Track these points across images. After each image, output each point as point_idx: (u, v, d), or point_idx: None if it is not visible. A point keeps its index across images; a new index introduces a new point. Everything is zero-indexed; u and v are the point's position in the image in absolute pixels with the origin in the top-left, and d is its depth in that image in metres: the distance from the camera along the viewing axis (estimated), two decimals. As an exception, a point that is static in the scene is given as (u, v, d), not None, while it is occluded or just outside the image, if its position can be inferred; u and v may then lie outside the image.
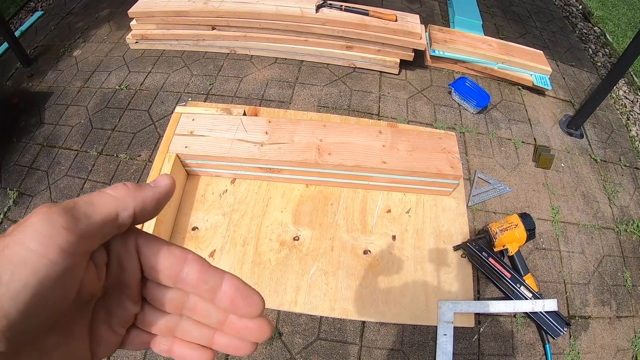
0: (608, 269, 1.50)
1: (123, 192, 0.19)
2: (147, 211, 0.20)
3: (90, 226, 0.17)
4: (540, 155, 1.69)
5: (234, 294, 0.20)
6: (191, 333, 0.23)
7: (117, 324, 0.21)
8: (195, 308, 0.22)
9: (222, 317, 0.22)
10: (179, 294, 0.22)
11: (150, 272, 0.21)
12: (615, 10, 3.15)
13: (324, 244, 1.30)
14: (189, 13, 1.83)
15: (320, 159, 1.30)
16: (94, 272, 0.18)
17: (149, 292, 0.22)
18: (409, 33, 1.75)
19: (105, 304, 0.21)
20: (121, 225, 0.19)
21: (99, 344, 0.21)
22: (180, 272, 0.20)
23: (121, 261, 0.20)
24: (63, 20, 2.35)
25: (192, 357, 0.23)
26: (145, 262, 0.20)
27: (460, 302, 1.26)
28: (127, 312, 0.21)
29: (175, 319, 0.23)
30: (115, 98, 1.84)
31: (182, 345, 0.23)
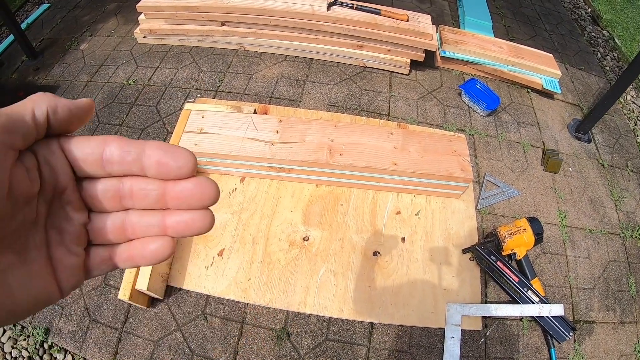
0: (613, 274, 1.50)
1: (39, 95, 0.20)
2: (60, 116, 0.20)
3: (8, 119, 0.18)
4: (548, 159, 1.69)
5: (158, 154, 0.20)
6: (141, 225, 0.22)
7: (71, 241, 0.21)
8: (131, 191, 0.22)
9: (159, 188, 0.21)
10: (112, 182, 0.22)
11: (77, 165, 0.21)
12: (623, 13, 3.13)
13: (333, 245, 1.30)
14: (199, 8, 1.81)
15: (332, 159, 1.29)
16: (23, 172, 0.19)
17: (87, 195, 0.22)
18: (421, 33, 1.74)
19: (54, 222, 0.21)
20: (38, 124, 0.20)
21: (60, 269, 0.21)
22: (102, 154, 0.21)
23: (49, 162, 0.20)
24: (70, 13, 2.33)
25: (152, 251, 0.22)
26: (71, 156, 0.21)
27: (468, 305, 1.27)
28: (74, 222, 0.22)
29: (121, 215, 0.22)
30: (123, 93, 1.82)
31: (138, 243, 0.22)
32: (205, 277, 1.23)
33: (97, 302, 1.26)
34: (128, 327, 1.22)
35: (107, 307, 1.25)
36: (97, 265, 0.23)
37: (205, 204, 0.21)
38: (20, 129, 0.19)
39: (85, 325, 1.23)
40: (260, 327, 1.21)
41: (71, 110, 0.21)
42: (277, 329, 1.21)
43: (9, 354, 1.25)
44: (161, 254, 0.22)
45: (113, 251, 0.23)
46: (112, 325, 1.22)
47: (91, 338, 1.21)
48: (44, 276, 0.20)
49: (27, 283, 0.19)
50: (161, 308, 1.24)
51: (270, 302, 1.20)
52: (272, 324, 1.21)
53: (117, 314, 1.24)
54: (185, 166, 0.20)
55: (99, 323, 1.23)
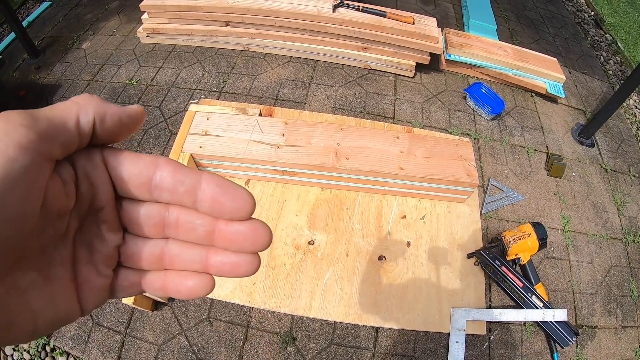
0: (615, 279, 1.51)
1: (86, 99, 0.18)
2: (108, 125, 0.18)
3: (50, 125, 0.16)
4: (552, 163, 1.69)
5: (215, 191, 0.18)
6: (181, 258, 0.21)
7: (101, 261, 0.20)
8: (177, 222, 0.20)
9: (208, 225, 0.19)
10: (156, 208, 0.20)
11: (121, 184, 0.19)
12: (626, 17, 3.14)
13: (339, 249, 1.30)
14: (203, 8, 1.80)
15: (338, 163, 1.29)
16: (60, 186, 0.17)
17: (126, 214, 0.20)
18: (426, 36, 1.73)
19: (85, 238, 0.19)
20: (82, 133, 0.18)
21: (85, 289, 0.19)
22: (152, 177, 0.19)
23: (89, 176, 0.18)
24: (71, 12, 2.31)
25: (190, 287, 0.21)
26: (114, 173, 0.19)
27: (472, 309, 1.27)
28: (108, 244, 0.20)
29: (160, 244, 0.21)
30: (126, 93, 1.81)
31: (175, 276, 0.21)
32: (210, 280, 1.23)
33: (101, 306, 1.25)
34: (131, 330, 1.21)
35: (110, 310, 1.24)
36: (124, 288, 0.21)
37: (256, 250, 0.20)
38: (61, 138, 0.17)
39: (88, 329, 1.22)
40: (266, 332, 1.21)
41: (121, 119, 0.19)
42: (282, 333, 1.20)
43: (10, 356, 1.24)
44: (199, 291, 0.21)
45: (144, 277, 0.21)
46: (116, 328, 1.22)
47: (94, 341, 1.20)
48: (67, 296, 0.19)
49: (49, 303, 0.18)
50: (165, 312, 1.23)
51: (275, 306, 1.20)
52: (278, 328, 1.21)
53: (120, 317, 1.23)
54: (243, 209, 0.19)
55: (102, 326, 1.22)
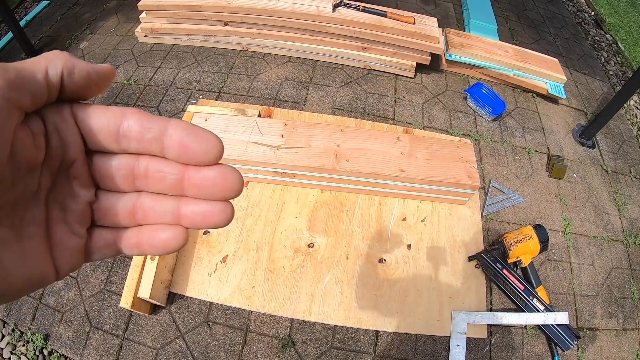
0: (616, 281, 1.50)
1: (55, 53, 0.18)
2: (76, 79, 0.18)
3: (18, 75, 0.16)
4: (553, 165, 1.68)
5: (182, 135, 0.18)
6: (153, 211, 0.20)
7: (74, 220, 0.20)
8: (147, 172, 0.20)
9: (177, 173, 0.19)
10: (126, 159, 0.20)
11: (90, 137, 0.19)
12: (626, 17, 3.13)
13: (339, 252, 1.28)
14: (201, 8, 1.78)
15: (338, 165, 1.27)
16: (29, 137, 0.17)
17: (97, 171, 0.20)
18: (427, 36, 1.72)
19: (57, 197, 0.19)
20: (51, 85, 0.18)
21: (59, 250, 0.19)
22: (119, 127, 0.18)
23: (59, 130, 0.18)
24: (69, 11, 2.28)
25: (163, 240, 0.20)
26: (83, 126, 0.19)
27: (473, 313, 1.26)
28: (80, 200, 0.20)
29: (133, 197, 0.21)
30: (124, 93, 1.79)
31: (149, 230, 0.21)
32: (208, 283, 1.22)
33: (98, 308, 1.24)
34: (129, 334, 1.20)
35: (108, 314, 1.23)
36: (100, 248, 0.21)
37: (227, 196, 0.19)
38: (30, 88, 0.17)
39: (86, 332, 1.21)
40: (265, 335, 1.19)
41: (89, 74, 0.19)
42: (281, 337, 1.19)
43: (7, 359, 1.23)
44: (172, 244, 0.20)
45: (119, 235, 0.21)
46: (113, 332, 1.20)
47: (92, 345, 1.19)
48: (40, 255, 0.18)
49: (21, 261, 0.17)
50: (163, 315, 1.22)
51: (274, 310, 1.19)
52: (277, 332, 1.20)
53: (118, 321, 1.22)
54: (210, 152, 0.18)
55: (99, 330, 1.21)
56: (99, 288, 1.27)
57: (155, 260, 1.13)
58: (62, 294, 1.27)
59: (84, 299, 1.26)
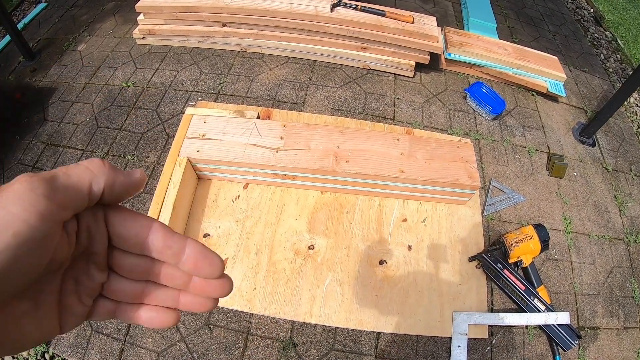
0: (617, 280, 1.50)
1: (98, 167, 0.20)
2: (115, 192, 0.21)
3: (67, 196, 0.18)
4: (553, 164, 1.68)
5: (197, 257, 0.22)
6: (157, 296, 0.24)
7: (85, 293, 0.22)
8: (160, 273, 0.23)
9: (186, 279, 0.23)
10: (144, 261, 0.23)
11: (118, 241, 0.22)
12: (626, 14, 3.12)
13: (339, 254, 1.28)
14: (199, 9, 1.77)
15: (338, 166, 1.27)
16: (65, 240, 0.19)
17: (115, 260, 0.23)
18: (426, 36, 1.71)
19: (74, 273, 0.21)
20: (92, 198, 0.20)
21: (67, 315, 0.22)
22: (146, 239, 0.21)
23: (90, 230, 0.21)
24: (67, 13, 2.27)
25: (158, 319, 0.24)
26: (113, 230, 0.21)
27: (474, 313, 1.26)
28: (94, 280, 0.22)
29: (141, 285, 0.24)
30: (122, 96, 1.79)
31: (148, 309, 0.24)
32: (209, 286, 1.21)
33: (99, 312, 1.24)
34: (131, 337, 1.20)
35: (109, 317, 1.23)
36: (99, 314, 0.24)
37: (219, 297, 0.24)
38: (74, 205, 0.19)
39: (87, 336, 1.21)
40: (266, 338, 1.19)
41: (126, 187, 0.21)
42: (282, 340, 1.19)
43: (8, 364, 1.23)
44: (167, 324, 0.24)
45: (120, 307, 0.24)
46: (115, 335, 1.20)
47: (93, 349, 1.19)
48: (50, 318, 0.21)
49: (36, 327, 0.20)
50: (164, 318, 1.22)
51: (275, 312, 1.18)
52: (278, 335, 1.20)
53: (119, 325, 1.22)
54: (216, 272, 0.22)
55: (101, 334, 1.21)
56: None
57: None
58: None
59: (84, 303, 1.26)
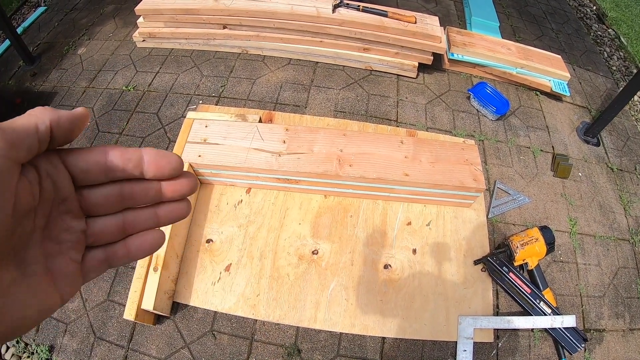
0: (623, 281, 1.49)
1: (40, 110, 0.21)
2: (63, 128, 0.21)
3: (15, 134, 0.18)
4: (558, 164, 1.66)
5: (155, 159, 0.23)
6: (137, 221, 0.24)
7: (70, 249, 0.22)
8: (131, 192, 0.23)
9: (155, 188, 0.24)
10: (113, 187, 0.23)
11: (82, 176, 0.22)
12: (628, 11, 3.09)
13: (343, 258, 1.27)
14: (200, 11, 1.76)
15: (342, 170, 1.26)
16: (27, 187, 0.19)
17: (86, 200, 0.23)
18: (429, 36, 1.69)
19: (51, 233, 0.21)
20: (41, 138, 0.20)
21: (60, 279, 0.22)
22: (106, 162, 0.22)
23: (51, 175, 0.21)
24: (67, 17, 2.26)
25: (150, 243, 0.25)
26: (75, 167, 0.22)
27: (480, 317, 1.25)
28: (74, 231, 0.22)
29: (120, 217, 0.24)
30: (123, 99, 1.77)
31: (135, 238, 0.24)
32: (212, 293, 1.21)
33: (102, 319, 1.23)
34: (134, 344, 1.19)
35: (112, 324, 1.22)
36: (94, 268, 0.24)
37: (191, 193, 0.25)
38: (25, 143, 0.19)
39: (90, 343, 1.20)
40: (270, 344, 1.19)
41: (71, 121, 0.21)
42: (287, 346, 1.18)
43: (13, 371, 1.22)
44: (155, 244, 0.25)
45: (109, 251, 0.24)
46: (118, 342, 1.20)
47: (96, 356, 1.18)
48: (45, 287, 0.21)
49: (31, 295, 0.20)
50: (168, 325, 1.21)
51: (279, 318, 1.18)
52: (282, 341, 1.19)
53: (122, 332, 1.21)
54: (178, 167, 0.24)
55: (104, 341, 1.20)
56: (102, 299, 1.26)
57: (158, 271, 1.12)
58: (66, 305, 1.27)
59: (87, 310, 1.25)
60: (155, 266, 1.13)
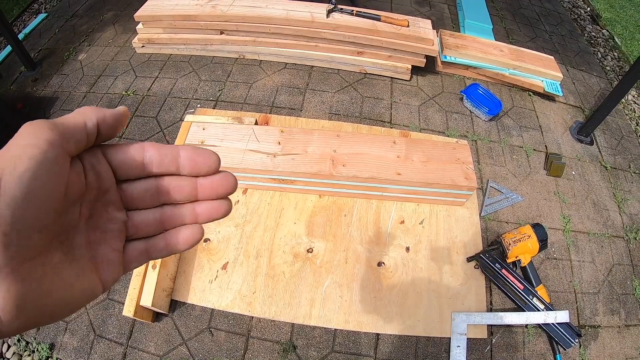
0: (617, 277, 1.50)
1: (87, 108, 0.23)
2: (107, 124, 0.23)
3: (66, 129, 0.20)
4: (551, 163, 1.68)
5: (192, 156, 0.24)
6: (176, 216, 0.25)
7: (113, 238, 0.24)
8: (168, 188, 0.25)
9: (191, 182, 0.25)
10: (150, 182, 0.24)
11: (122, 170, 0.23)
12: (622, 12, 3.12)
13: (338, 256, 1.29)
14: (197, 17, 1.80)
15: (335, 170, 1.29)
16: (74, 176, 0.21)
17: (126, 194, 0.24)
18: (421, 39, 1.73)
19: (96, 222, 0.23)
20: (89, 133, 0.22)
21: (103, 265, 0.23)
22: (143, 158, 0.23)
23: (94, 168, 0.22)
24: (67, 23, 2.32)
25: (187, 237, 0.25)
26: (115, 161, 0.23)
27: (473, 313, 1.26)
28: (116, 221, 0.24)
29: (158, 210, 0.25)
30: (122, 104, 1.81)
31: (174, 233, 0.25)
32: (209, 290, 1.23)
33: (102, 317, 1.26)
34: (133, 342, 1.21)
35: (112, 322, 1.25)
36: (135, 258, 0.25)
37: (228, 193, 0.25)
38: (75, 138, 0.21)
39: (90, 341, 1.23)
40: (266, 340, 1.21)
41: (115, 119, 0.23)
42: (282, 342, 1.20)
43: (15, 369, 1.25)
44: (194, 238, 0.26)
45: (149, 243, 0.26)
46: (117, 340, 1.22)
47: (96, 353, 1.21)
48: (89, 272, 0.22)
49: (77, 278, 0.21)
50: (166, 322, 1.23)
51: (275, 315, 1.20)
52: (278, 337, 1.21)
53: (121, 329, 1.23)
54: (214, 163, 0.24)
55: (103, 338, 1.23)
56: (102, 297, 1.29)
57: (156, 269, 1.15)
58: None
59: (87, 308, 1.28)
60: (153, 264, 1.16)
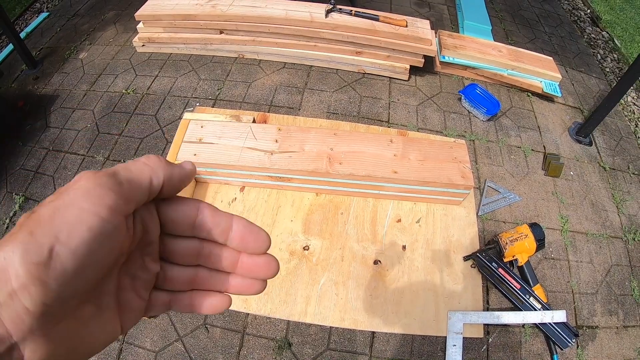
0: (616, 278, 1.49)
1: (156, 162, 0.21)
2: (173, 184, 0.22)
3: (130, 190, 0.19)
4: (549, 163, 1.68)
5: (243, 231, 0.23)
6: (207, 280, 0.24)
7: (141, 287, 0.23)
8: (209, 254, 0.23)
9: (234, 258, 0.23)
10: (194, 243, 0.23)
11: (171, 226, 0.22)
12: (622, 14, 3.13)
13: (334, 254, 1.30)
14: (197, 17, 1.81)
15: (331, 168, 1.29)
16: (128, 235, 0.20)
17: (166, 247, 0.23)
18: (420, 39, 1.74)
19: (129, 269, 0.22)
20: (152, 192, 0.20)
21: (126, 312, 0.22)
22: (195, 220, 0.22)
23: (144, 221, 0.21)
24: (69, 22, 2.34)
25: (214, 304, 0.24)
26: (166, 217, 0.22)
27: (469, 312, 1.26)
28: (149, 272, 0.23)
29: (192, 270, 0.24)
30: (122, 102, 1.83)
31: (201, 295, 0.24)
32: (206, 287, 1.23)
33: (98, 314, 1.26)
34: (129, 337, 1.22)
35: (109, 319, 1.25)
36: (157, 307, 0.24)
37: (268, 277, 0.24)
38: (137, 198, 0.20)
39: (87, 337, 1.23)
40: (261, 337, 1.21)
41: (181, 179, 0.22)
42: (278, 339, 1.20)
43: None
44: (220, 308, 0.25)
45: (174, 297, 0.25)
46: (114, 336, 1.22)
47: (92, 350, 1.21)
48: (113, 321, 0.21)
49: (101, 329, 0.20)
50: (162, 318, 1.24)
51: (271, 312, 1.20)
52: (273, 334, 1.21)
53: (118, 326, 1.24)
54: (263, 247, 0.23)
55: (100, 335, 1.23)
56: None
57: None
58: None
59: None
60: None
